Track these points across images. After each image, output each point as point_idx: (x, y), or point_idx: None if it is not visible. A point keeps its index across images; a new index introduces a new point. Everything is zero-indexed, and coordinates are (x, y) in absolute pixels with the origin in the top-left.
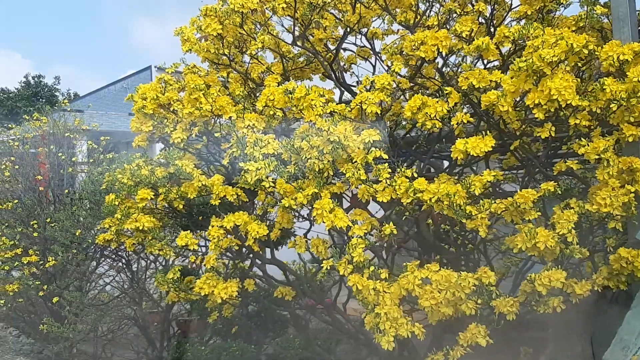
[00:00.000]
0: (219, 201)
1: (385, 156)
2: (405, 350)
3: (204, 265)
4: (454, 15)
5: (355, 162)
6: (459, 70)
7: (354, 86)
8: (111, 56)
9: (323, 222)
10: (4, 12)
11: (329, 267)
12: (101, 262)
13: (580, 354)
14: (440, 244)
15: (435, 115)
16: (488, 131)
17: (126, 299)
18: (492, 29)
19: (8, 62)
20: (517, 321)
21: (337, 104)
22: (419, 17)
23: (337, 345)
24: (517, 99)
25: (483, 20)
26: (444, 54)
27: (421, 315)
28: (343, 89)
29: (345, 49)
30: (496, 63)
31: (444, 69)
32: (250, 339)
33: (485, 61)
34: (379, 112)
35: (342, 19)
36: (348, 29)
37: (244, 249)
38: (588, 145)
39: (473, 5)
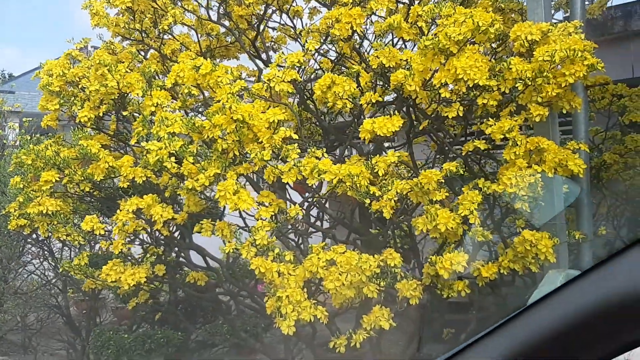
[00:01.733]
0: (127, 184)
1: (296, 136)
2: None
3: (113, 250)
4: None
5: (261, 142)
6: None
7: (282, 66)
8: (57, 37)
9: (227, 204)
10: None
11: (231, 251)
12: (25, 250)
13: None
14: (368, 228)
15: (343, 95)
16: (396, 111)
17: (52, 288)
18: None
19: None
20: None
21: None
22: None
23: (266, 331)
24: (428, 79)
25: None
26: (358, 32)
27: None
28: (263, 68)
29: (274, 29)
30: None
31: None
32: (178, 326)
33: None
34: (290, 91)
35: None
36: (268, 6)
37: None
38: (495, 125)
39: None
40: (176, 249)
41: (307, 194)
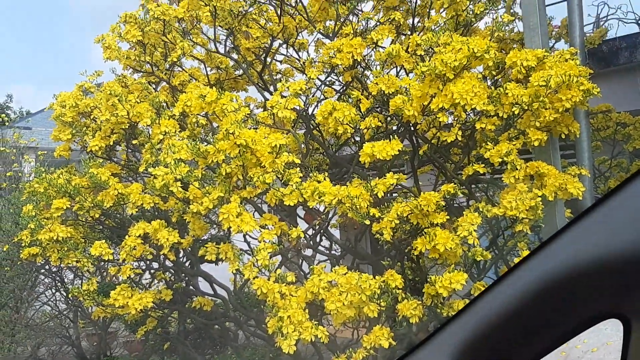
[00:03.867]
0: (136, 210)
1: (298, 161)
2: None
3: (121, 276)
4: (373, 24)
5: (264, 166)
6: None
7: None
8: (73, 75)
9: (230, 226)
10: None
11: (233, 271)
12: (38, 281)
13: None
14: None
15: (343, 120)
16: (394, 136)
17: (64, 320)
18: None
19: None
20: None
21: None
22: (339, 24)
23: None
24: (426, 104)
25: (409, 32)
26: (359, 61)
27: None
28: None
29: (281, 62)
30: None
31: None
32: (187, 355)
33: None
34: (293, 118)
35: (266, 27)
36: (274, 39)
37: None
38: (493, 149)
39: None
40: (185, 277)
41: (314, 222)
